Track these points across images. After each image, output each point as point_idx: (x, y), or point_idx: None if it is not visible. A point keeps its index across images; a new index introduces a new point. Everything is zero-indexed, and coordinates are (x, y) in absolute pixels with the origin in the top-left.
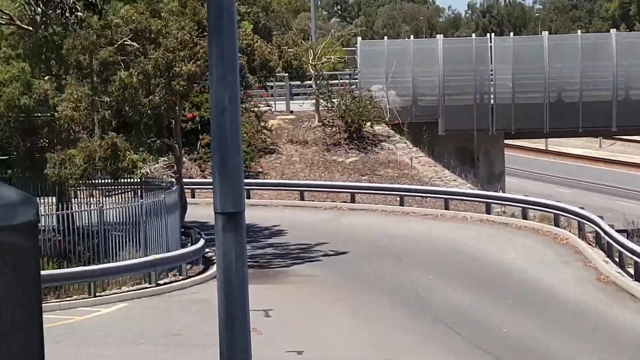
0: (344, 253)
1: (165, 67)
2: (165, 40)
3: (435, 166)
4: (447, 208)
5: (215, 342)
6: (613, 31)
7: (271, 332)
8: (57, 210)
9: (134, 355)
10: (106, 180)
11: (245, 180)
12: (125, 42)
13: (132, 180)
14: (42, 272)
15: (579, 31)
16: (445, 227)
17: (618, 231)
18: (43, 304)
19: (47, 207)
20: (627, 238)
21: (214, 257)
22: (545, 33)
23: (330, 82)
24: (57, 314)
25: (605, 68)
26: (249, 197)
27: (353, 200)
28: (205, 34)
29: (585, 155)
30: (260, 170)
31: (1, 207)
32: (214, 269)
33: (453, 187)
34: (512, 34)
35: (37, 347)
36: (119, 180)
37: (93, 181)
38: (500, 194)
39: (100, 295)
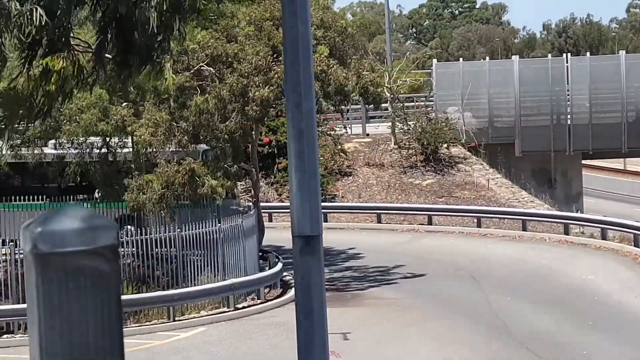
0: (421, 275)
1: (239, 92)
2: (239, 65)
3: (512, 187)
4: (524, 229)
5: None
6: None
7: (349, 355)
8: (136, 235)
9: None
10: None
11: (322, 204)
12: (202, 67)
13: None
14: (122, 297)
15: None
16: (523, 249)
17: None
18: (123, 329)
19: (127, 233)
20: None
21: (291, 281)
22: (622, 52)
23: (406, 104)
24: (137, 338)
25: None
26: (326, 220)
27: (430, 223)
28: (280, 58)
29: None
30: (337, 193)
31: (84, 230)
32: (291, 292)
33: (530, 208)
34: (588, 53)
35: None
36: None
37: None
38: (578, 214)
39: (179, 320)
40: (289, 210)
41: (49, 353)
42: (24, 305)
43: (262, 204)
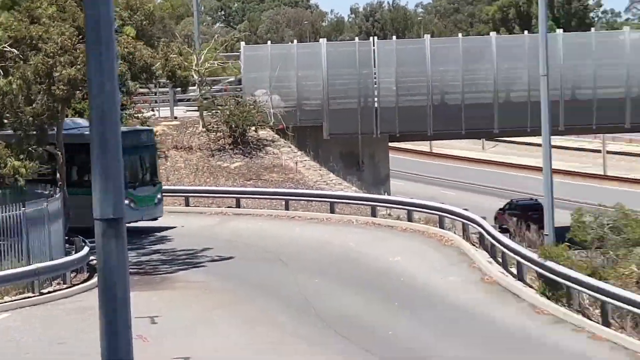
0: (230, 258)
1: (45, 73)
2: (45, 45)
3: (320, 170)
4: (332, 212)
5: (100, 350)
6: (493, 34)
7: (158, 338)
8: None
9: None
10: None
11: None
12: (4, 49)
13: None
14: None
15: (460, 34)
16: (332, 231)
17: (501, 230)
18: None
19: None
20: (510, 238)
21: None
22: (427, 36)
23: (214, 87)
24: None
25: (486, 70)
26: None
27: (238, 205)
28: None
29: (468, 157)
30: None
31: None
32: None
33: (338, 191)
34: (394, 37)
35: None
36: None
37: None
38: (385, 196)
39: None
40: (205, 195)
41: None
42: None
43: (181, 186)
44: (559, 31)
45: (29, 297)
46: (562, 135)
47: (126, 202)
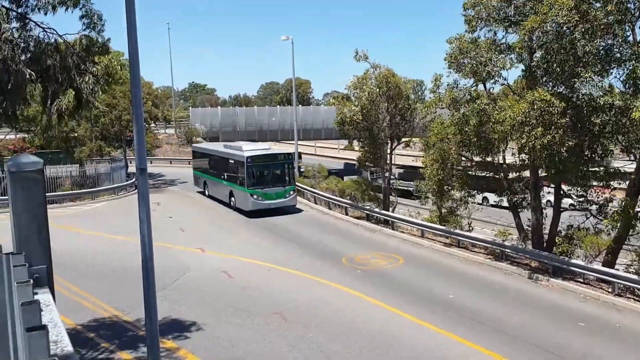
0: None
1: (118, 117)
2: (117, 107)
3: None
4: None
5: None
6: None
7: (160, 209)
8: None
9: None
10: None
11: None
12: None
13: None
14: None
15: (278, 107)
16: None
17: None
18: None
19: None
20: None
21: None
22: (273, 107)
23: (179, 122)
24: None
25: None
26: None
27: (189, 164)
28: None
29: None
30: None
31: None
32: None
33: None
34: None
35: None
36: None
37: None
38: None
39: None
40: (178, 158)
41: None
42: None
43: (168, 157)
44: (300, 106)
45: (112, 197)
46: (301, 140)
47: (255, 197)
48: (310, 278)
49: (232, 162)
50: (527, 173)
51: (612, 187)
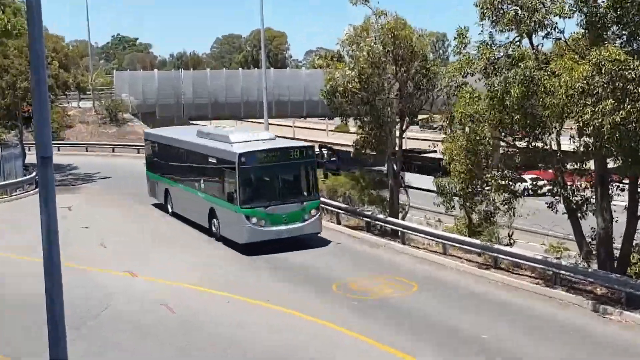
0: (109, 177)
1: (12, 84)
2: (11, 70)
3: None
4: None
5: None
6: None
7: (72, 215)
8: None
9: None
10: None
11: None
12: None
13: None
14: None
15: (224, 69)
16: None
17: None
18: None
19: None
20: None
21: None
22: (208, 69)
23: (100, 92)
24: None
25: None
26: None
27: (114, 151)
28: None
29: None
30: None
31: None
32: None
33: None
34: (192, 69)
35: None
36: None
37: None
38: None
39: None
40: (96, 144)
41: None
42: None
43: (82, 142)
44: (272, 69)
45: (2, 198)
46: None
47: (253, 221)
48: (287, 313)
49: (214, 161)
50: (590, 164)
51: None
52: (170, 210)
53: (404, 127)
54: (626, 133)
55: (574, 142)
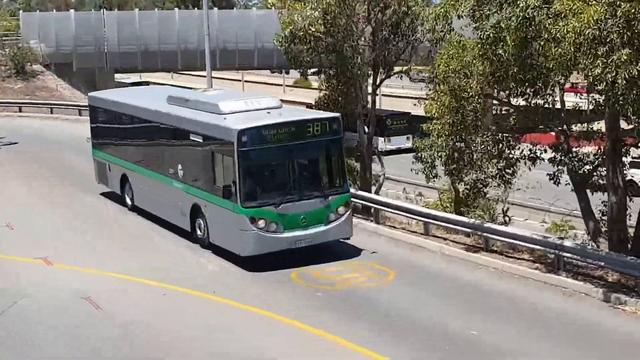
0: (16, 143)
1: None
2: None
3: (71, 90)
4: (80, 115)
5: None
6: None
7: None
8: None
9: None
10: None
11: None
12: None
13: None
14: None
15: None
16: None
17: None
18: None
19: None
20: None
21: None
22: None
23: (3, 39)
24: None
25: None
26: None
27: (20, 111)
28: None
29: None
30: None
31: None
32: None
33: (83, 101)
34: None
35: None
36: None
37: None
38: None
39: None
40: None
41: None
42: None
43: None
44: (215, 9)
45: None
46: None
47: (261, 225)
48: (235, 307)
49: (198, 139)
50: (601, 125)
51: None
52: (129, 203)
53: (379, 81)
54: None
55: (580, 99)
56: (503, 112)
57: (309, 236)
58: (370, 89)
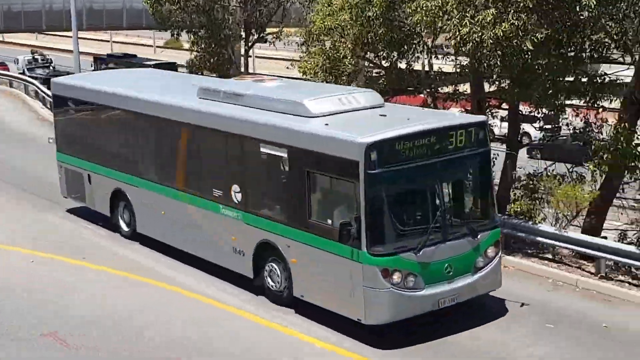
0: None
1: None
2: None
3: None
4: None
5: None
6: None
7: None
8: None
9: None
10: None
11: None
12: None
13: None
14: None
15: None
16: None
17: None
18: None
19: None
20: None
21: None
22: None
23: None
24: None
25: None
26: None
27: None
28: None
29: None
30: None
31: None
32: None
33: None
34: None
35: None
36: None
37: None
38: None
39: None
40: None
41: None
42: None
43: None
44: None
45: None
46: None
47: (395, 279)
48: (135, 279)
49: (274, 153)
50: (466, 87)
51: (601, 108)
52: (125, 229)
53: (250, 44)
54: (510, 49)
55: (447, 61)
56: (374, 74)
57: (455, 291)
58: (242, 51)
